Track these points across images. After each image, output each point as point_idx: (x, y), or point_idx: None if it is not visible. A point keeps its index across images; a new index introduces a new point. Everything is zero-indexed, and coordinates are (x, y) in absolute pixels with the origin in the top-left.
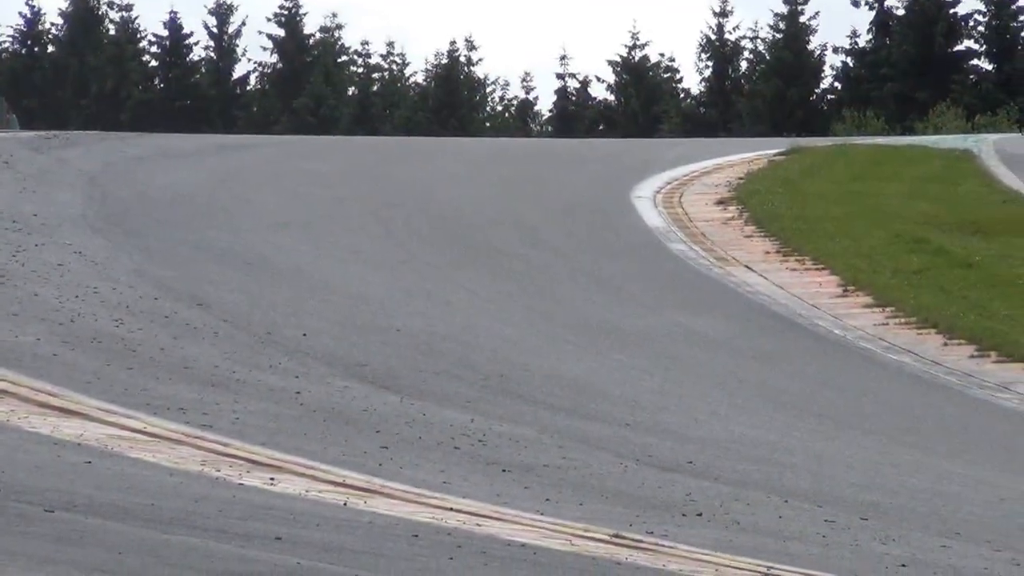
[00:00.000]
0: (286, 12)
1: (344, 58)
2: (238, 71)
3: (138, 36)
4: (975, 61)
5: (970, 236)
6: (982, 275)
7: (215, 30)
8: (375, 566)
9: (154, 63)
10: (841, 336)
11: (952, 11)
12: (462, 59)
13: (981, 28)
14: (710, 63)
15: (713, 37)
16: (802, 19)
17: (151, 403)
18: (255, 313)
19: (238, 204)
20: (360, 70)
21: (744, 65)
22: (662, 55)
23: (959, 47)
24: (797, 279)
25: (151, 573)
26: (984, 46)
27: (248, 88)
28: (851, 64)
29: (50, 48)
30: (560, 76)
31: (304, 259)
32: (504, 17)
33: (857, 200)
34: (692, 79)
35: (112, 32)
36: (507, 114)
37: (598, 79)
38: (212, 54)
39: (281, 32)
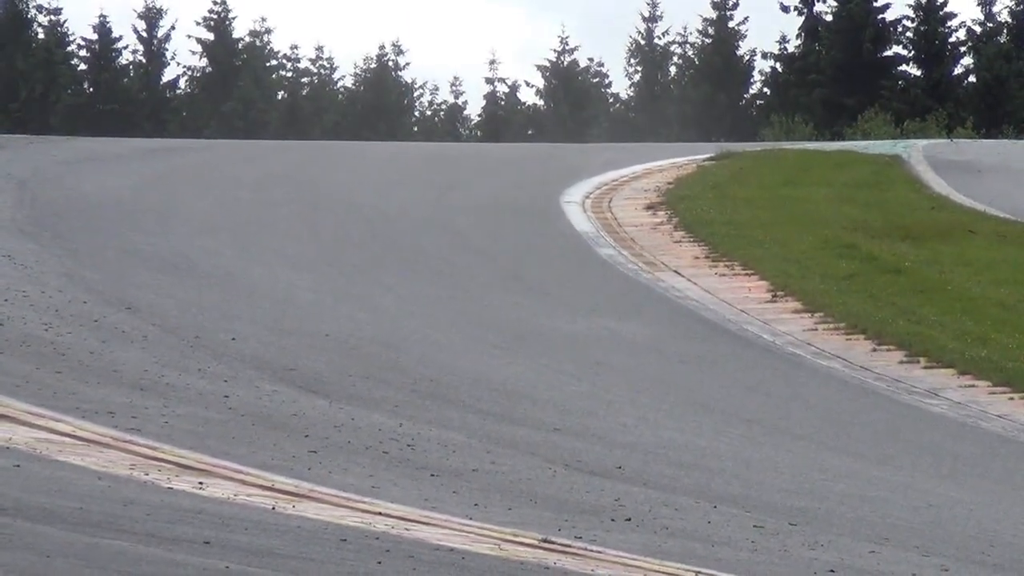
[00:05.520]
0: (215, 16)
1: (273, 62)
2: (167, 75)
3: (67, 40)
4: (904, 67)
5: (899, 242)
6: (911, 281)
7: (144, 34)
8: (303, 570)
9: (83, 67)
10: (770, 342)
11: (880, 17)
12: (390, 63)
13: (909, 34)
14: (639, 68)
15: (642, 42)
16: (731, 24)
17: (80, 407)
18: (184, 317)
19: (167, 208)
20: (289, 74)
21: (673, 70)
22: (591, 60)
23: (888, 53)
24: (726, 284)
25: None
26: (912, 52)
27: (178, 92)
28: (780, 69)
29: None
30: (489, 81)
31: (232, 263)
32: (433, 22)
33: (786, 205)
34: (621, 84)
35: (41, 36)
36: (436, 119)
37: (527, 84)
38: (141, 58)
39: (210, 36)
